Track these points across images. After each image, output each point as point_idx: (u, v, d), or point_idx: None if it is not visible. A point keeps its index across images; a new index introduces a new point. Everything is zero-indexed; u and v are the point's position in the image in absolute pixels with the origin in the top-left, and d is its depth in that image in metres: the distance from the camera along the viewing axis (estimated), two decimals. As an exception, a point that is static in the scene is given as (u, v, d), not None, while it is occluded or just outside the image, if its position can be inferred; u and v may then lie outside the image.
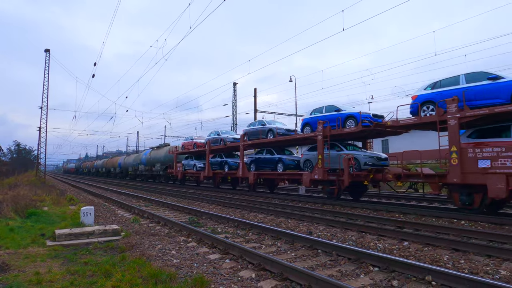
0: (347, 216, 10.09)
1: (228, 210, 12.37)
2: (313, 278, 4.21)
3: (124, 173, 46.80)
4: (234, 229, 8.54)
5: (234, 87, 41.87)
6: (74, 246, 6.43)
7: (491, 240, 6.71)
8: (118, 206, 14.19)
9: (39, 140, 33.55)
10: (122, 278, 4.31)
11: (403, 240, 6.92)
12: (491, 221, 8.60)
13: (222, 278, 4.73)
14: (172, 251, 6.27)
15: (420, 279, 4.45)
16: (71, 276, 4.63)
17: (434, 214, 9.77)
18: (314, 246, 6.32)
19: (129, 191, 22.37)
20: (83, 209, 8.74)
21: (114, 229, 7.39)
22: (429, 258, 5.58)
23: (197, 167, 25.00)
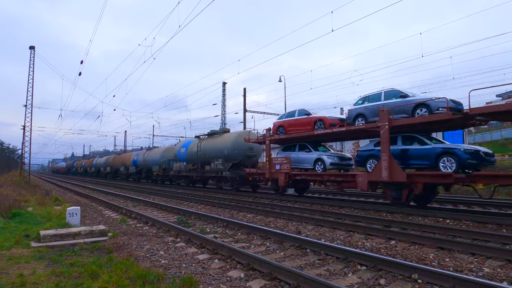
0: (336, 215, 10.18)
1: (217, 210, 12.33)
2: (301, 277, 4.23)
3: (143, 174, 34.58)
4: (223, 229, 8.52)
5: (223, 86, 41.76)
6: (59, 247, 6.31)
7: (475, 239, 6.86)
8: (105, 206, 13.99)
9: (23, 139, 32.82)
10: (109, 279, 4.25)
11: (390, 239, 7.02)
12: (475, 219, 8.79)
13: (211, 278, 4.71)
14: (160, 251, 6.21)
15: (407, 277, 4.53)
16: (56, 277, 4.54)
17: (420, 213, 9.93)
18: (303, 246, 6.35)
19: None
20: (69, 210, 8.59)
21: (101, 230, 7.28)
22: (415, 256, 5.67)
23: (328, 163, 14.16)
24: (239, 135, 20.76)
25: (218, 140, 22.20)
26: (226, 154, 20.62)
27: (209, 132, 24.05)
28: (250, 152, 20.59)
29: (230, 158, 20.46)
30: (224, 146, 21.08)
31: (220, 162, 20.86)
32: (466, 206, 12.26)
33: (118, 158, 42.92)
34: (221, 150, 21.18)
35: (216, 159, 21.29)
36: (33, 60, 31.78)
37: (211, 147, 22.48)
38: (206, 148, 22.95)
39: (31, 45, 31.85)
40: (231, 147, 20.54)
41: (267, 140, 16.87)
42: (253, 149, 20.69)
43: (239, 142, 20.30)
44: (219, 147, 21.58)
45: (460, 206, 12.32)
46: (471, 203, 12.63)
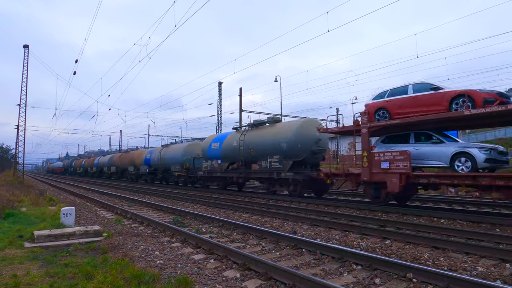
0: (331, 215, 10.21)
1: (213, 210, 12.31)
2: (297, 277, 4.24)
3: (159, 174, 29.72)
4: (219, 229, 8.51)
5: (219, 86, 41.71)
6: (54, 248, 6.26)
7: (469, 238, 6.92)
8: (100, 206, 13.91)
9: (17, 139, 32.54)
10: (104, 279, 4.23)
11: (385, 238, 7.06)
12: (469, 219, 8.86)
13: (206, 278, 4.70)
14: (155, 251, 6.19)
15: (402, 276, 4.55)
16: (50, 278, 4.50)
17: (415, 213, 10.00)
18: (299, 245, 6.36)
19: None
20: (64, 210, 8.53)
21: (96, 230, 7.24)
22: (410, 256, 5.71)
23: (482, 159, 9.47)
24: (303, 124, 15.93)
25: (270, 132, 17.10)
26: (285, 149, 15.56)
27: (254, 122, 19.08)
28: (318, 146, 15.63)
29: (291, 155, 15.43)
30: (282, 138, 15.84)
31: (277, 159, 15.91)
32: (460, 206, 12.36)
33: (126, 156, 37.02)
34: (276, 144, 16.05)
35: (268, 156, 16.43)
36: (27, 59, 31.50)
37: (260, 141, 17.32)
38: (251, 142, 17.73)
39: (25, 43, 31.58)
40: (293, 140, 15.37)
41: (364, 128, 11.87)
42: (321, 143, 15.96)
43: (304, 134, 15.45)
44: (273, 140, 16.34)
45: (454, 206, 12.42)
46: (465, 203, 12.74)
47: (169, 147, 29.38)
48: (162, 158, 28.55)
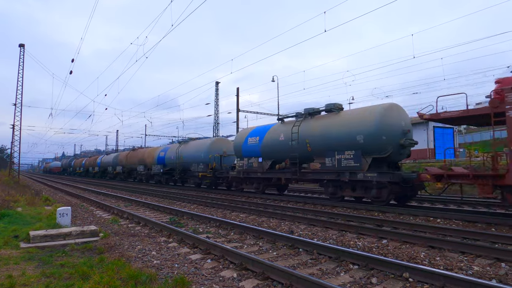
0: (328, 215, 10.23)
1: (210, 210, 12.30)
2: (294, 277, 4.24)
3: (178, 175, 25.15)
4: (216, 229, 8.50)
5: (216, 86, 41.67)
6: (49, 248, 6.23)
7: (465, 237, 6.96)
8: (97, 206, 13.86)
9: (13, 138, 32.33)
10: (100, 280, 4.21)
11: (382, 238, 7.08)
12: (465, 218, 8.91)
13: (203, 278, 4.69)
14: (152, 251, 6.18)
15: (398, 276, 4.57)
16: (46, 279, 4.48)
17: (411, 213, 10.04)
18: (296, 245, 6.37)
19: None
20: (60, 210, 8.48)
21: (92, 230, 7.21)
22: (406, 255, 5.73)
23: None
24: (388, 110, 12.36)
25: (337, 121, 13.48)
26: (362, 143, 12.32)
27: (309, 111, 15.03)
28: (407, 139, 12.36)
29: (371, 150, 12.20)
30: (358, 129, 12.54)
31: (350, 156, 12.58)
32: (456, 206, 12.42)
33: (135, 154, 33.21)
34: (348, 136, 12.73)
35: (337, 151, 13.01)
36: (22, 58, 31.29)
37: (321, 133, 13.74)
38: (309, 135, 14.19)
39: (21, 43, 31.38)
40: (375, 131, 12.04)
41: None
42: (410, 134, 12.72)
43: (389, 123, 12.16)
44: (343, 132, 13.01)
45: (450, 206, 12.48)
46: (461, 203, 12.80)
47: (188, 143, 25.24)
48: (180, 157, 24.82)
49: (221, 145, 22.61)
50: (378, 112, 12.35)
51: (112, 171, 39.55)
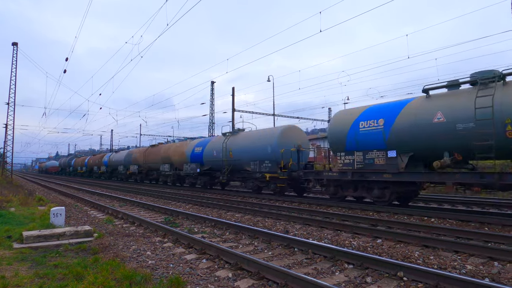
0: (323, 214, 10.26)
1: (205, 210, 12.27)
2: (289, 276, 4.25)
3: (223, 176, 19.61)
4: (211, 229, 8.49)
5: (212, 86, 41.58)
6: (43, 249, 6.18)
7: (458, 237, 7.02)
8: (91, 206, 13.76)
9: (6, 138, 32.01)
10: (95, 280, 4.18)
11: (377, 237, 7.12)
12: (459, 218, 8.98)
13: (198, 278, 4.68)
14: (147, 251, 6.15)
15: (393, 275, 4.59)
16: (39, 279, 4.44)
17: (406, 212, 10.10)
18: (291, 245, 6.38)
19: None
20: (53, 210, 8.41)
21: (87, 230, 7.16)
22: (401, 254, 5.76)
23: None
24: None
25: None
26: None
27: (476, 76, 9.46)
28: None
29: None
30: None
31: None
32: (450, 205, 12.53)
33: (156, 151, 27.54)
34: None
35: None
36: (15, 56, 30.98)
37: None
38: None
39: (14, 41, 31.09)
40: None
41: None
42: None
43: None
44: None
45: (444, 205, 12.58)
46: (455, 202, 12.91)
47: (238, 135, 19.23)
48: (228, 152, 19.12)
49: (293, 136, 16.75)
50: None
51: (123, 171, 33.68)
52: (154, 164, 27.97)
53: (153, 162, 28.09)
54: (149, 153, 29.02)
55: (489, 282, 3.99)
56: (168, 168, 25.78)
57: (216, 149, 20.31)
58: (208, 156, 21.12)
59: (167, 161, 25.77)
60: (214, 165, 20.74)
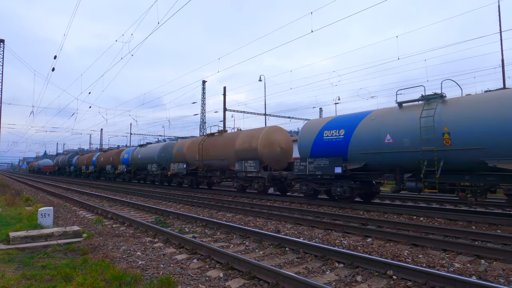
0: (314, 214, 10.31)
1: (196, 210, 12.22)
2: (280, 275, 4.26)
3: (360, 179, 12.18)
4: (202, 229, 8.45)
5: (203, 85, 41.43)
6: (30, 250, 6.07)
7: (446, 235, 7.13)
8: (80, 206, 13.58)
9: (-8, 137, 31.31)
10: (84, 281, 4.13)
11: (367, 236, 7.19)
12: (447, 217, 9.12)
13: (189, 278, 4.66)
14: (137, 252, 6.09)
15: (382, 273, 4.64)
16: (27, 281, 4.36)
17: (395, 211, 10.22)
18: (282, 244, 6.40)
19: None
20: (41, 210, 8.27)
21: (75, 231, 7.06)
22: (390, 253, 5.83)
23: None
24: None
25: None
26: None
27: None
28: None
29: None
30: None
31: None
32: (438, 204, 12.71)
33: (220, 142, 18.95)
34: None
35: None
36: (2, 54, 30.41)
37: None
38: None
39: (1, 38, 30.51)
40: None
41: None
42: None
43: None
44: None
45: (433, 204, 12.76)
46: (443, 201, 13.11)
47: (394, 109, 11.44)
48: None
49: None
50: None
51: (157, 172, 25.03)
52: (220, 160, 18.72)
53: (218, 157, 18.80)
54: (210, 145, 19.55)
55: (476, 280, 4.06)
56: (253, 166, 16.53)
57: (372, 132, 17.71)
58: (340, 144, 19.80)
59: (249, 155, 16.95)
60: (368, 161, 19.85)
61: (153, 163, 26.42)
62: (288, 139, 17.95)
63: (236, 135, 18.67)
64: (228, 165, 18.52)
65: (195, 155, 21.03)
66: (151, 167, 26.60)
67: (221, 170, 19.43)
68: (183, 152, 22.25)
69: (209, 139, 20.48)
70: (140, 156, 28.58)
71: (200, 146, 20.42)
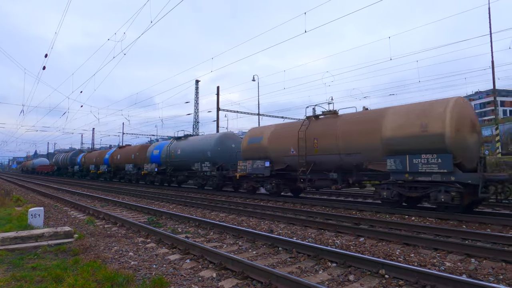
0: (307, 214, 10.34)
1: (189, 210, 12.17)
2: (273, 275, 4.26)
3: None
4: (195, 229, 8.42)
5: (196, 84, 41.28)
6: (20, 250, 5.98)
7: (437, 234, 7.21)
8: (71, 206, 13.43)
9: (-19, 136, 30.79)
10: (75, 282, 4.09)
11: (359, 236, 7.23)
12: (438, 216, 9.22)
13: (182, 278, 4.64)
14: (129, 252, 6.05)
15: (375, 272, 4.68)
16: (16, 282, 4.30)
17: (388, 211, 10.30)
18: (275, 244, 6.40)
19: None
20: (31, 211, 8.17)
21: (66, 231, 6.98)
22: (382, 252, 5.87)
23: None
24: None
25: None
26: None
27: None
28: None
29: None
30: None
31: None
32: (429, 204, 12.82)
33: (325, 127, 13.18)
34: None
35: None
36: (-8, 52, 29.95)
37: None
38: None
39: (-10, 36, 30.03)
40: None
41: None
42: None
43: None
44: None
45: (424, 204, 12.87)
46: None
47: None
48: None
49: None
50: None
51: (212, 172, 19.35)
52: (345, 156, 12.49)
53: (347, 150, 12.50)
54: (323, 130, 13.58)
55: (467, 279, 4.11)
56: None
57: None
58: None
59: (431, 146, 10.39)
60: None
61: (204, 161, 19.83)
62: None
63: (379, 114, 11.53)
64: (364, 162, 11.55)
65: (288, 148, 14.26)
66: (200, 166, 20.11)
67: (345, 170, 12.54)
68: (261, 145, 15.54)
69: (317, 123, 13.66)
70: (181, 152, 22.00)
71: (302, 135, 13.57)
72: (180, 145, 22.58)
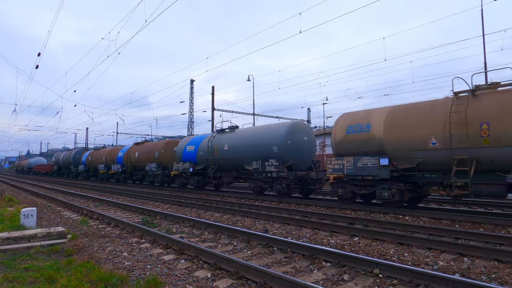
0: (302, 213, 10.36)
1: (184, 210, 12.13)
2: (268, 275, 4.26)
3: None
4: (190, 229, 8.40)
5: (191, 84, 41.16)
6: (13, 251, 5.92)
7: (431, 234, 7.27)
8: (64, 206, 13.31)
9: (-28, 136, 30.40)
10: (68, 283, 4.05)
11: (354, 235, 7.26)
12: (431, 216, 9.30)
13: (176, 278, 4.62)
14: (123, 253, 6.01)
15: (369, 272, 4.70)
16: (9, 283, 4.25)
17: (382, 211, 10.36)
18: (270, 244, 6.41)
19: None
20: (24, 211, 8.08)
21: (60, 232, 6.91)
22: (376, 252, 5.91)
23: None
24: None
25: None
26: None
27: None
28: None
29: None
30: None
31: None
32: (423, 203, 12.94)
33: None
34: None
35: None
36: (-16, 50, 29.59)
37: None
38: None
39: (-18, 34, 29.64)
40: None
41: None
42: None
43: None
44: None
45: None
46: (427, 201, 13.35)
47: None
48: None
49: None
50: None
51: (280, 173, 14.81)
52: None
53: None
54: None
55: (460, 278, 4.15)
56: None
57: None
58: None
59: None
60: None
61: (268, 158, 15.32)
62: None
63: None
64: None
65: (424, 138, 9.99)
66: (259, 164, 15.68)
67: None
68: (372, 134, 11.33)
69: (484, 98, 9.15)
70: (229, 147, 17.55)
71: (456, 117, 9.25)
72: (227, 139, 17.96)
